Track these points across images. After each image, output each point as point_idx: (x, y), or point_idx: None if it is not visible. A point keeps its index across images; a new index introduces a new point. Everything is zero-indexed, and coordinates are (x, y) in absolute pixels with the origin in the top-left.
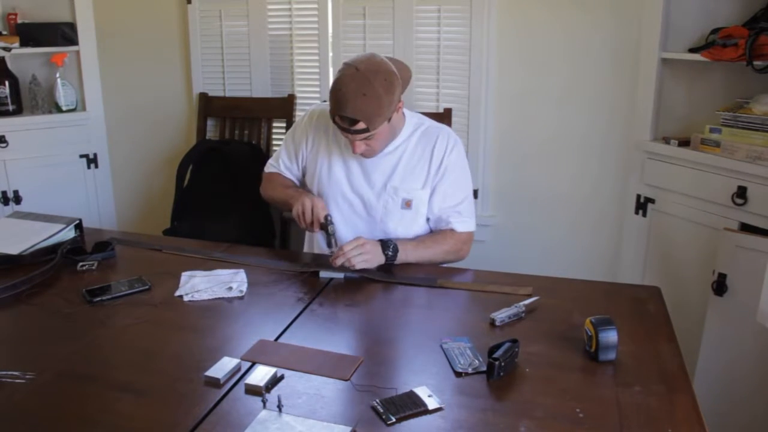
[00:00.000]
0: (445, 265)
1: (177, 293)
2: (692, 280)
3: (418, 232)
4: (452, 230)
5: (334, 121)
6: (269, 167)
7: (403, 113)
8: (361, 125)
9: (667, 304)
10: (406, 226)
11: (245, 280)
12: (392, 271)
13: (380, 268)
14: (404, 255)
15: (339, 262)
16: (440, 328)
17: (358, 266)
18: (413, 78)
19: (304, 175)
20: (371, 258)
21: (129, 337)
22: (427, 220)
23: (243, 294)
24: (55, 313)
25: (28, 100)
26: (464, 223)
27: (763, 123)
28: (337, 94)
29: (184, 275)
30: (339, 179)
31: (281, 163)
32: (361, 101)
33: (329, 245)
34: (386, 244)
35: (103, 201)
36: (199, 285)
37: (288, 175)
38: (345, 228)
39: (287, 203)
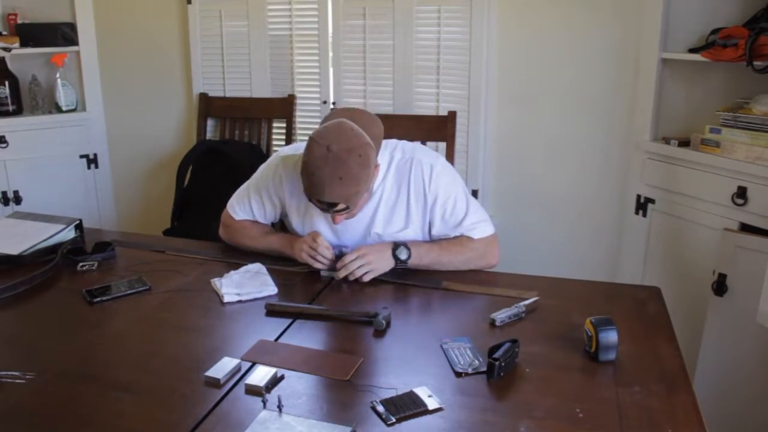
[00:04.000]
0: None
1: (224, 297)
2: (692, 280)
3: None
4: (468, 237)
5: (310, 200)
6: (234, 213)
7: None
8: (341, 206)
9: (667, 304)
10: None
11: (268, 276)
12: (396, 272)
13: (391, 271)
14: (418, 260)
15: (341, 275)
16: (440, 328)
17: (365, 279)
18: (413, 79)
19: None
20: (376, 267)
21: (129, 337)
22: None
23: (276, 292)
24: (55, 313)
25: (28, 101)
26: (477, 230)
27: (763, 123)
28: (311, 179)
29: (217, 280)
30: (322, 232)
31: (253, 209)
32: (338, 186)
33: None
34: (398, 248)
35: (103, 201)
36: (243, 283)
37: (261, 220)
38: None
39: (272, 250)
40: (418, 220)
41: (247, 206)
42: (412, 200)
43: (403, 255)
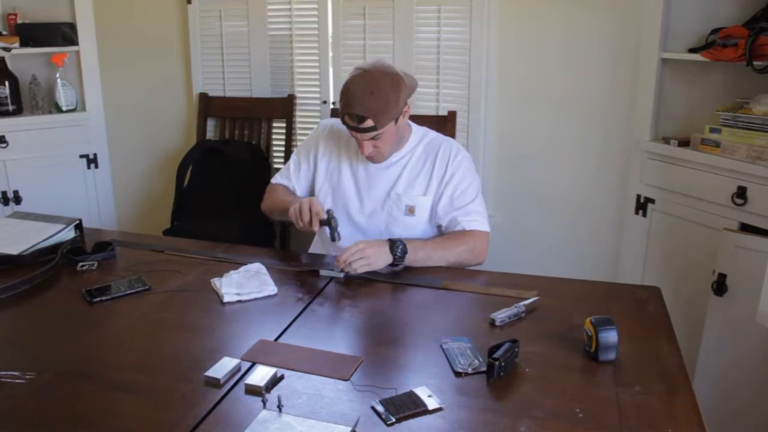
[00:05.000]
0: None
1: (224, 297)
2: (692, 280)
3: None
4: (463, 230)
5: (344, 121)
6: (274, 179)
7: (410, 125)
8: (369, 123)
9: (667, 304)
10: (410, 232)
11: (268, 276)
12: (395, 272)
13: (388, 270)
14: (413, 254)
15: (340, 267)
16: (440, 328)
17: (360, 270)
18: None
19: (313, 183)
20: (373, 260)
21: (129, 337)
22: (439, 227)
23: (276, 292)
24: (54, 313)
25: (28, 100)
26: (475, 222)
27: (763, 123)
28: (346, 94)
29: (217, 280)
30: (347, 188)
31: (289, 171)
32: (369, 99)
33: (333, 239)
34: (394, 244)
35: (103, 201)
36: (242, 283)
37: (293, 183)
38: (351, 235)
39: (285, 209)
40: (433, 191)
41: (285, 169)
42: (435, 171)
43: (399, 249)
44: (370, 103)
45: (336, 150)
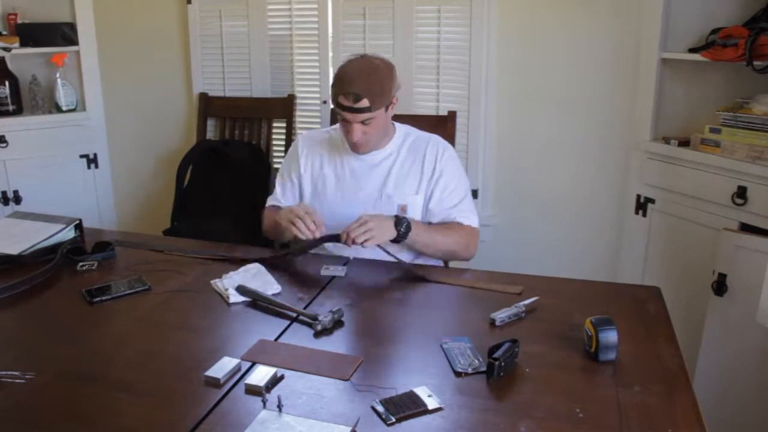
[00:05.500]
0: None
1: (230, 297)
2: (692, 280)
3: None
4: (460, 223)
5: (337, 103)
6: (267, 202)
7: (393, 124)
8: (365, 102)
9: (667, 304)
10: None
11: (270, 275)
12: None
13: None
14: (416, 234)
15: (342, 238)
16: (440, 328)
17: (366, 245)
18: (413, 79)
19: (301, 198)
20: (377, 233)
21: (129, 337)
22: (429, 224)
23: (280, 290)
24: (55, 313)
25: (28, 100)
26: (468, 218)
27: (763, 123)
28: (342, 76)
29: (218, 281)
30: (334, 195)
31: (276, 193)
32: (366, 79)
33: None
34: (399, 220)
35: (103, 201)
36: (245, 283)
37: (284, 203)
38: None
39: (277, 226)
40: (424, 189)
41: (273, 190)
42: (424, 170)
43: (403, 226)
44: (367, 83)
45: (318, 161)
